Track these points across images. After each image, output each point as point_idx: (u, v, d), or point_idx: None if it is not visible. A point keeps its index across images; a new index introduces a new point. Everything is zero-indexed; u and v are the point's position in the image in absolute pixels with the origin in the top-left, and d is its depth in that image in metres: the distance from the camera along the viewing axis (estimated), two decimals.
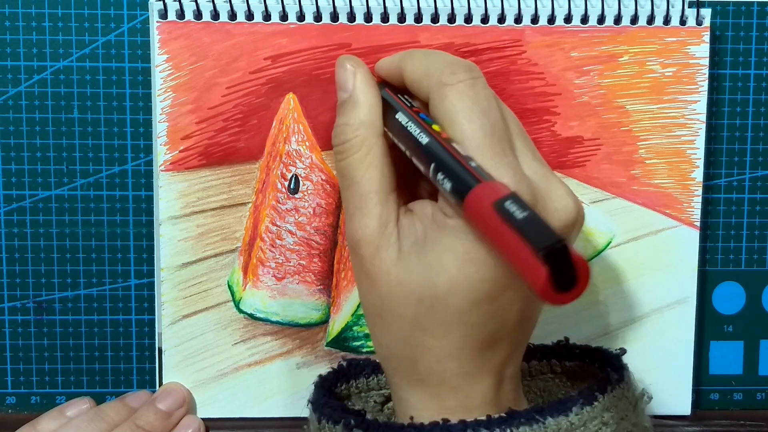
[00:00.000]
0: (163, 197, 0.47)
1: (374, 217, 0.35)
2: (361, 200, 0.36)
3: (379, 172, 0.36)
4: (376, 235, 0.35)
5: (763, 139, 0.50)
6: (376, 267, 0.35)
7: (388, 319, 0.35)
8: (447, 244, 0.33)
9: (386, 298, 0.35)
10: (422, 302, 0.34)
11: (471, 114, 0.34)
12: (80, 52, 0.48)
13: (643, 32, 0.47)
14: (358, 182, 0.36)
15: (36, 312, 0.49)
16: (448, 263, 0.33)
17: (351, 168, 0.36)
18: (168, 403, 0.47)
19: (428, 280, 0.33)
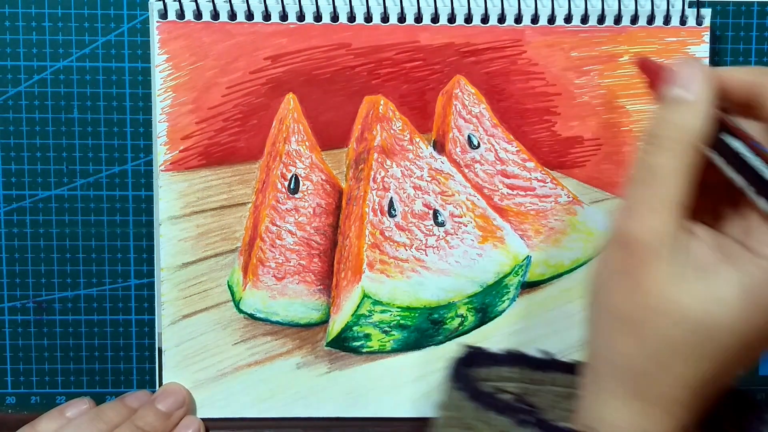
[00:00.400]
0: (163, 197, 0.47)
1: (663, 222, 0.33)
2: (656, 201, 0.33)
3: (685, 182, 0.34)
4: (657, 242, 0.33)
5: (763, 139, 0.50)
6: (649, 275, 0.33)
7: (644, 333, 0.33)
8: (749, 282, 0.32)
9: (653, 310, 0.33)
10: (695, 331, 0.33)
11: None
12: (80, 52, 0.48)
13: (643, 32, 0.47)
14: (660, 180, 0.33)
15: (36, 312, 0.49)
16: (744, 301, 0.32)
17: (659, 163, 0.34)
18: (168, 403, 0.47)
19: (708, 311, 0.32)
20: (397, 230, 0.48)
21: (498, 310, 0.49)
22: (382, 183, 0.48)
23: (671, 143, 0.34)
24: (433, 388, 0.49)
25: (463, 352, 0.43)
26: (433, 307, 0.48)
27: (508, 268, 0.49)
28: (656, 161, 0.34)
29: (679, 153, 0.34)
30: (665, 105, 0.35)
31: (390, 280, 0.48)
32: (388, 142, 0.48)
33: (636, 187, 0.34)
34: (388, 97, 0.48)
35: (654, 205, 0.33)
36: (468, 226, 0.48)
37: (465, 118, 0.48)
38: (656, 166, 0.34)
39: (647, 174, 0.34)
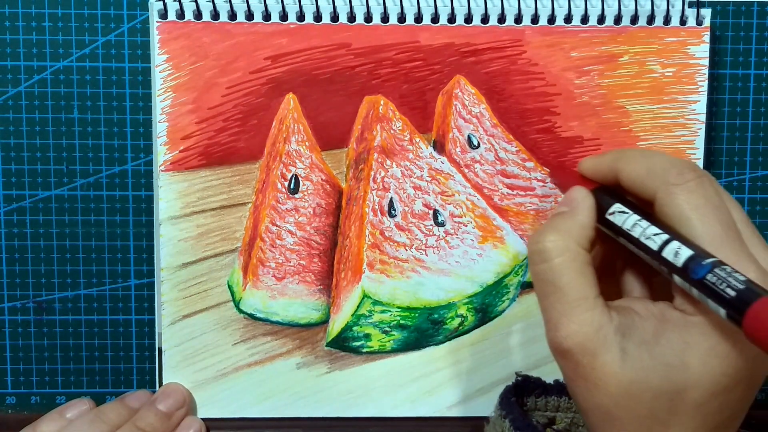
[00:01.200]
0: (163, 197, 0.47)
1: (586, 323, 0.35)
2: (569, 307, 0.35)
3: (585, 278, 0.36)
4: (590, 341, 0.35)
5: (763, 139, 0.50)
6: (598, 370, 0.35)
7: (618, 415, 0.35)
8: (691, 342, 0.34)
9: (616, 397, 0.35)
10: (659, 398, 0.34)
11: (705, 211, 0.35)
12: (80, 52, 0.48)
13: (643, 32, 0.47)
14: (562, 289, 0.36)
15: (36, 312, 0.49)
16: (691, 359, 0.34)
17: (554, 273, 0.36)
18: (168, 403, 0.47)
19: (666, 377, 0.34)
20: (397, 230, 0.48)
21: (498, 310, 0.49)
22: (382, 183, 0.48)
23: (558, 245, 0.36)
24: (433, 388, 0.49)
25: (514, 380, 0.45)
26: (433, 307, 0.49)
27: (508, 268, 0.49)
28: (551, 268, 0.36)
29: (569, 253, 0.36)
30: (546, 222, 0.38)
31: (390, 280, 0.48)
32: (388, 142, 0.48)
33: (545, 300, 0.36)
34: (388, 97, 0.48)
35: (568, 312, 0.35)
36: (468, 226, 0.48)
37: (465, 118, 0.48)
38: (552, 273, 0.36)
39: (548, 285, 0.36)
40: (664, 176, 0.36)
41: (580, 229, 0.37)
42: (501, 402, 0.43)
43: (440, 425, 0.49)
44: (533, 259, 0.37)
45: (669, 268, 0.35)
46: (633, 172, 0.38)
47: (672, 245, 0.35)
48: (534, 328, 0.49)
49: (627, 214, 0.37)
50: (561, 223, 0.37)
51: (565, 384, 0.45)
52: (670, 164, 0.36)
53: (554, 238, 0.36)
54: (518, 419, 0.41)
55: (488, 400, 0.49)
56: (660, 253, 0.35)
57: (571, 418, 0.45)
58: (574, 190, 0.39)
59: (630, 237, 0.37)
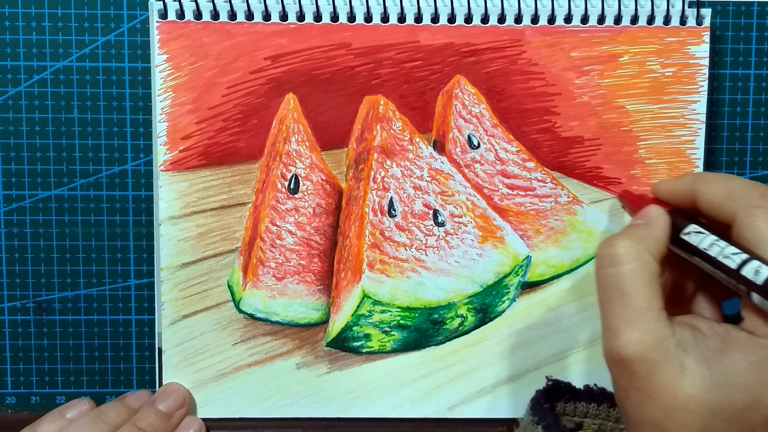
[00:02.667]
0: (163, 197, 0.47)
1: (648, 333, 0.35)
2: (633, 315, 0.35)
3: (653, 289, 0.36)
4: (650, 352, 0.35)
5: (763, 139, 0.50)
6: (656, 383, 0.35)
7: (670, 428, 0.35)
8: (755, 363, 0.35)
9: (671, 411, 0.35)
10: (716, 416, 0.34)
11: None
12: (80, 52, 0.48)
13: (643, 32, 0.47)
14: (629, 296, 0.36)
15: (36, 312, 0.49)
16: (754, 381, 0.34)
17: (622, 278, 0.36)
18: (168, 403, 0.47)
19: (726, 396, 0.34)
20: (397, 230, 0.48)
21: (498, 310, 0.49)
22: (382, 183, 0.48)
23: (630, 251, 0.36)
24: (433, 388, 0.49)
25: (545, 384, 0.45)
26: (433, 307, 0.48)
27: (508, 268, 0.49)
28: (620, 273, 0.36)
29: (640, 261, 0.36)
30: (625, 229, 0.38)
31: (390, 280, 0.48)
32: (388, 142, 0.48)
33: (608, 305, 0.37)
34: (388, 97, 0.48)
35: (632, 320, 0.35)
36: (468, 226, 0.48)
37: (465, 118, 0.48)
38: (621, 278, 0.36)
39: (614, 290, 0.36)
40: (746, 198, 0.36)
41: (654, 240, 0.37)
42: (533, 407, 0.43)
43: (440, 426, 0.49)
44: (603, 262, 0.37)
45: (748, 287, 0.35)
46: (713, 193, 0.38)
47: (752, 264, 0.35)
48: (534, 328, 0.49)
49: (704, 234, 0.37)
50: (636, 232, 0.38)
51: (600, 391, 0.45)
52: (751, 187, 0.37)
53: (628, 244, 0.37)
54: (552, 426, 0.41)
55: (488, 401, 0.49)
56: (739, 272, 0.35)
57: (599, 424, 0.45)
58: (650, 208, 0.40)
59: (706, 256, 0.37)
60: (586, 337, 0.49)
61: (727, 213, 0.37)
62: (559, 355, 0.49)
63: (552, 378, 0.46)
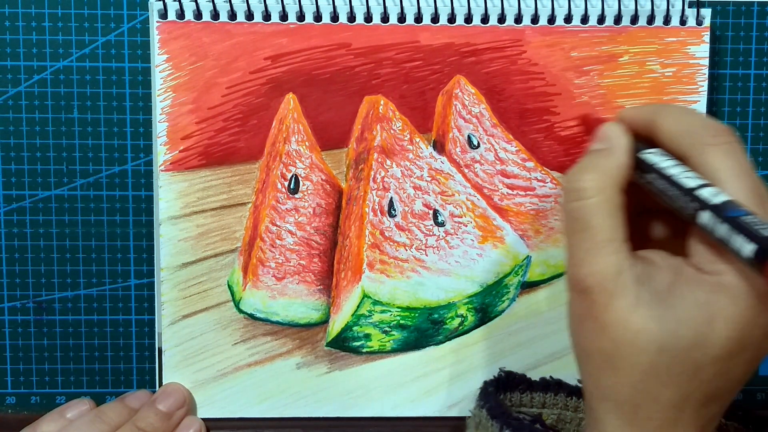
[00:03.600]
0: (163, 197, 0.47)
1: (609, 264, 0.35)
2: (596, 247, 0.35)
3: (616, 221, 0.36)
4: (610, 282, 0.35)
5: (763, 139, 0.50)
6: (611, 313, 0.35)
7: (619, 364, 0.35)
8: (701, 299, 0.34)
9: (621, 343, 0.35)
10: (663, 352, 0.34)
11: (737, 173, 0.35)
12: (80, 52, 0.48)
13: (643, 32, 0.47)
14: (593, 228, 0.36)
15: (36, 312, 0.49)
16: (698, 318, 0.34)
17: (587, 211, 0.36)
18: (168, 403, 0.47)
19: (674, 332, 0.34)
20: (397, 230, 0.48)
21: (498, 310, 0.49)
22: (382, 183, 0.48)
23: (595, 184, 0.36)
24: (433, 388, 0.49)
25: (498, 374, 0.46)
26: (433, 307, 0.49)
27: (508, 268, 0.49)
28: (584, 206, 0.36)
29: (604, 194, 0.36)
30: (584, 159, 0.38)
31: (390, 280, 0.48)
32: (388, 142, 0.48)
33: (573, 236, 0.36)
34: (388, 97, 0.48)
35: (594, 251, 0.35)
36: (468, 226, 0.48)
37: (465, 118, 0.48)
38: (585, 211, 0.36)
39: (579, 222, 0.36)
40: (701, 135, 0.36)
41: (617, 169, 0.37)
42: (480, 393, 0.44)
43: (440, 425, 0.49)
44: (569, 196, 0.37)
45: (702, 205, 0.34)
46: (670, 127, 0.37)
47: (711, 188, 0.34)
48: (534, 328, 0.49)
49: (665, 157, 0.37)
50: (599, 162, 0.37)
51: (556, 381, 0.45)
52: (707, 124, 0.36)
53: (592, 177, 0.36)
54: (494, 408, 0.41)
55: None
56: (696, 190, 0.35)
57: (557, 414, 0.45)
58: (609, 125, 0.39)
59: (664, 174, 0.36)
60: None
61: (682, 149, 0.37)
62: (558, 355, 0.49)
63: (505, 369, 0.46)
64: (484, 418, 0.41)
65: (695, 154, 0.36)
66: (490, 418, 0.41)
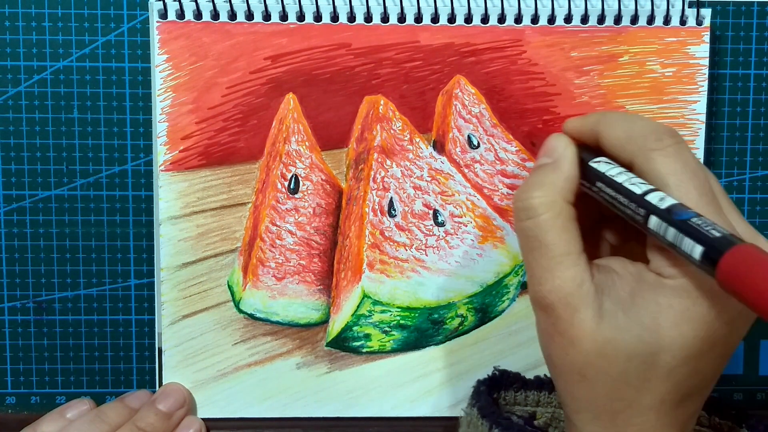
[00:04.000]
0: (163, 197, 0.47)
1: (569, 278, 0.35)
2: (553, 263, 0.35)
3: (570, 234, 0.36)
4: (572, 296, 0.35)
5: (763, 139, 0.50)
6: (576, 327, 0.35)
7: (590, 375, 0.35)
8: (663, 303, 0.34)
9: (590, 355, 0.35)
10: (631, 360, 0.34)
11: (683, 176, 0.35)
12: (80, 52, 0.48)
13: (643, 32, 0.47)
14: (548, 245, 0.36)
15: (36, 312, 0.49)
16: (664, 322, 0.34)
17: (540, 229, 0.36)
18: (168, 403, 0.47)
19: (640, 338, 0.34)
20: (397, 230, 0.48)
21: (498, 310, 0.49)
22: (382, 183, 0.48)
23: (544, 200, 0.36)
24: (433, 388, 0.49)
25: (492, 373, 0.46)
26: (433, 307, 0.49)
27: (508, 268, 0.49)
28: (536, 224, 0.36)
29: (554, 209, 0.36)
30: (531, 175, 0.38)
31: (390, 280, 0.48)
32: (388, 142, 0.48)
33: (529, 254, 0.36)
34: (388, 97, 0.48)
35: (551, 267, 0.35)
36: (468, 226, 0.48)
37: (465, 118, 0.48)
38: (538, 229, 0.36)
39: (532, 240, 0.36)
40: (643, 141, 0.36)
41: (565, 182, 0.37)
42: (472, 392, 0.44)
43: (440, 425, 0.49)
44: (519, 216, 0.37)
45: (649, 211, 0.34)
46: (613, 135, 0.37)
47: (657, 193, 0.34)
48: (534, 328, 0.49)
49: (611, 165, 0.37)
50: (546, 177, 0.37)
51: (549, 380, 0.45)
52: (649, 129, 0.36)
53: (540, 194, 0.36)
54: (485, 407, 0.41)
55: None
56: (643, 197, 0.35)
57: (551, 412, 0.45)
58: (553, 138, 0.39)
59: (612, 182, 0.36)
60: None
61: (626, 155, 0.37)
62: None
63: (499, 368, 0.46)
64: (475, 417, 0.41)
65: (640, 160, 0.36)
66: (481, 417, 0.41)
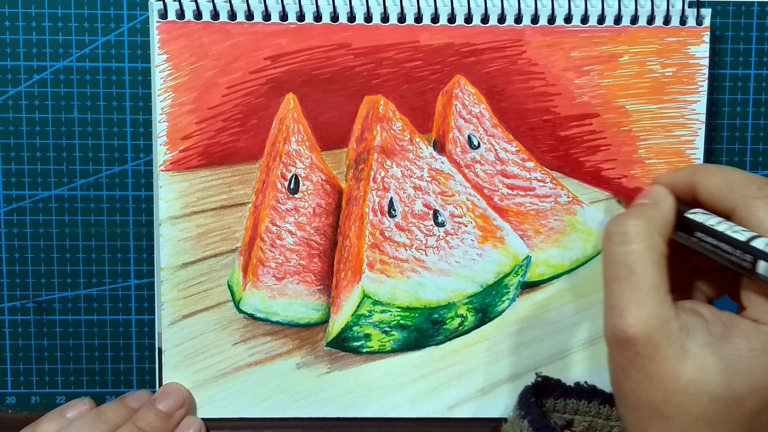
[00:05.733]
0: (163, 197, 0.47)
1: (654, 314, 0.35)
2: (640, 295, 0.35)
3: (661, 270, 0.36)
4: (656, 332, 0.35)
5: (763, 139, 0.50)
6: (658, 364, 0.35)
7: (669, 413, 0.35)
8: (757, 349, 0.34)
9: (671, 393, 0.35)
10: (716, 401, 0.34)
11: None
12: (80, 52, 0.48)
13: (643, 32, 0.48)
14: (637, 275, 0.36)
15: (36, 312, 0.49)
16: (755, 368, 0.34)
17: (633, 257, 0.36)
18: (168, 403, 0.47)
19: (728, 382, 0.34)
20: (397, 230, 0.48)
21: (498, 310, 0.49)
22: (382, 183, 0.48)
23: (641, 229, 0.36)
24: (433, 388, 0.49)
25: (534, 380, 0.46)
26: (433, 307, 0.49)
27: (508, 268, 0.49)
28: (630, 251, 0.36)
29: (650, 241, 0.36)
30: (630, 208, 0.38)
31: (390, 280, 0.48)
32: (388, 142, 0.48)
33: (615, 283, 0.36)
34: (388, 97, 0.48)
35: (638, 299, 0.35)
36: (468, 226, 0.48)
37: (465, 118, 0.48)
38: (631, 257, 0.36)
39: (623, 268, 0.36)
40: (745, 189, 0.37)
41: (662, 221, 0.37)
42: (520, 402, 0.43)
43: (440, 425, 0.49)
44: (612, 240, 0.37)
45: (757, 256, 0.34)
46: (712, 185, 0.38)
47: (763, 239, 0.35)
48: (534, 328, 0.49)
49: (709, 215, 0.37)
50: (645, 212, 0.37)
51: (590, 388, 0.45)
52: (749, 179, 0.37)
53: (638, 222, 0.36)
54: (537, 420, 0.41)
55: (488, 400, 0.49)
56: (748, 243, 0.35)
57: (589, 421, 0.45)
58: (654, 187, 0.40)
59: (713, 231, 0.36)
60: (585, 337, 0.49)
61: (726, 204, 0.37)
62: (559, 355, 0.49)
63: (542, 374, 0.46)
64: (526, 429, 0.41)
65: (741, 208, 0.36)
66: (534, 430, 0.41)
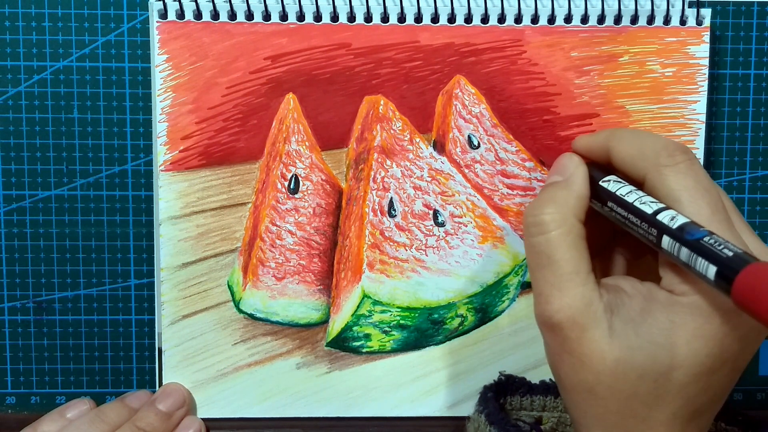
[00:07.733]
0: (163, 197, 0.47)
1: (577, 297, 0.35)
2: (562, 281, 0.35)
3: (579, 253, 0.36)
4: (580, 315, 0.35)
5: (763, 139, 0.50)
6: (585, 346, 0.35)
7: (601, 393, 0.35)
8: (676, 321, 0.34)
9: (601, 374, 0.35)
10: (644, 377, 0.34)
11: (696, 192, 0.35)
12: (80, 52, 0.48)
13: (643, 32, 0.48)
14: (557, 262, 0.36)
15: (36, 312, 0.49)
16: (676, 339, 0.34)
17: (550, 245, 0.36)
18: (168, 403, 0.47)
19: (652, 357, 0.34)
20: (397, 230, 0.48)
21: (498, 310, 0.49)
22: (382, 183, 0.48)
23: (555, 217, 0.36)
24: (433, 388, 0.49)
25: (498, 378, 0.46)
26: (433, 307, 0.49)
27: (508, 268, 0.49)
28: (547, 240, 0.36)
29: (565, 226, 0.36)
30: (543, 192, 0.38)
31: (390, 280, 0.48)
32: (388, 142, 0.48)
33: (538, 272, 0.36)
34: (388, 97, 0.48)
35: (560, 285, 0.35)
36: (468, 226, 0.48)
37: (465, 118, 0.48)
38: (548, 245, 0.36)
39: (542, 257, 0.36)
40: (655, 157, 0.36)
41: (576, 200, 0.37)
42: (479, 398, 0.44)
43: (440, 425, 0.49)
44: (530, 231, 0.37)
45: (662, 231, 0.34)
46: (624, 151, 0.38)
47: (669, 212, 0.35)
48: (534, 328, 0.49)
49: (621, 184, 0.37)
50: (557, 194, 0.37)
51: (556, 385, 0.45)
52: (661, 145, 0.36)
53: (552, 210, 0.36)
54: (493, 413, 0.41)
55: None
56: (655, 216, 0.35)
57: (557, 417, 0.45)
58: (564, 156, 0.39)
59: (623, 202, 0.36)
60: None
61: (637, 171, 0.37)
62: None
63: (505, 373, 0.46)
64: (483, 423, 0.41)
65: (652, 176, 0.36)
66: (489, 424, 0.41)
